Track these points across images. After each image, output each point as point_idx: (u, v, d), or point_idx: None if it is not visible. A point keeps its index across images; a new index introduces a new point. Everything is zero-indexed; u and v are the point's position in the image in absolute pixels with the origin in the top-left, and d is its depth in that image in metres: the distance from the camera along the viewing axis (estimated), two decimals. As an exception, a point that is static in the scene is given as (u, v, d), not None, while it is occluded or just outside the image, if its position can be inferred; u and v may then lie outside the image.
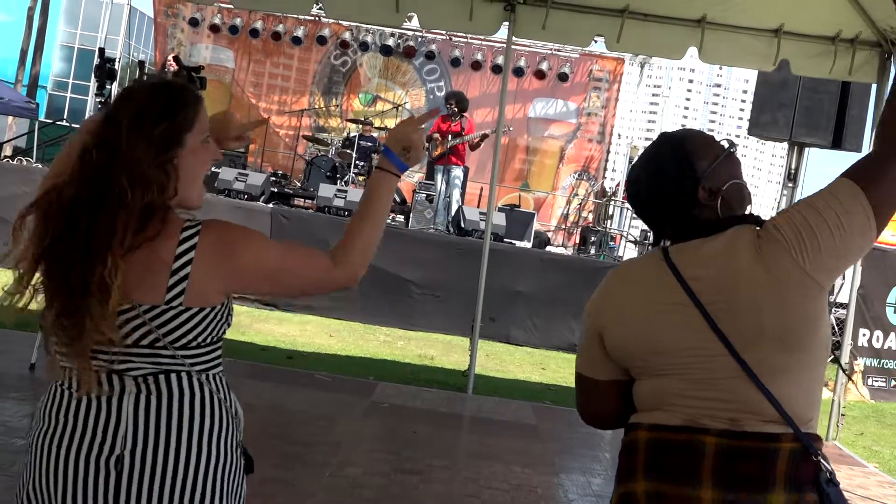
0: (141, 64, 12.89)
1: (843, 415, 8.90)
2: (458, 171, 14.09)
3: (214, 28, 18.28)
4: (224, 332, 2.25)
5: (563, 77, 17.67)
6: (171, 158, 2.13)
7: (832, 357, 13.95)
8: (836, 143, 12.15)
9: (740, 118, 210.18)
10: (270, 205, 13.21)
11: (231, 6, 14.16)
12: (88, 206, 2.06)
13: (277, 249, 2.26)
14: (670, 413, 2.14)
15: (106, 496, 2.07)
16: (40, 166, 14.05)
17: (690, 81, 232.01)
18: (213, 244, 2.14)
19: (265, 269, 2.21)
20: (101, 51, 10.82)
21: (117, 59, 16.44)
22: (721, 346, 2.09)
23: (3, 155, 20.30)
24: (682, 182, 2.24)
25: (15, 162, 15.17)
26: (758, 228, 2.18)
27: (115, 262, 2.03)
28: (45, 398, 2.19)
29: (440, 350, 10.88)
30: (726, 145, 2.37)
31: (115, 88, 16.94)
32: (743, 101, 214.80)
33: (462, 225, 13.20)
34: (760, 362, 2.08)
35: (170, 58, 14.73)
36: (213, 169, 10.00)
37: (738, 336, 2.09)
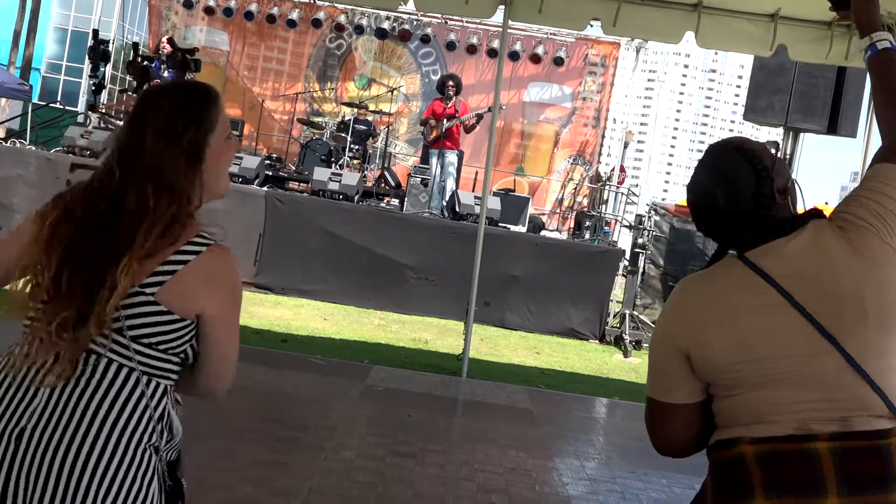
0: (135, 46, 12.81)
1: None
2: (452, 156, 14.07)
3: (209, 10, 18.21)
4: (184, 356, 2.24)
5: (558, 61, 17.62)
6: (200, 166, 2.19)
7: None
8: (832, 129, 12.14)
9: (735, 103, 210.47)
10: (265, 188, 13.18)
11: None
12: (114, 212, 2.10)
13: (235, 327, 2.33)
14: (773, 424, 2.08)
15: (0, 466, 2.05)
16: (34, 148, 13.99)
17: (686, 66, 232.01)
18: (211, 265, 2.17)
19: (218, 324, 2.25)
20: (96, 32, 10.78)
21: (111, 41, 16.37)
22: (825, 342, 2.07)
23: (-4, 137, 20.21)
24: (761, 184, 2.22)
25: (8, 144, 15.11)
26: (830, 221, 2.21)
27: (129, 266, 2.06)
28: None
29: (434, 334, 10.88)
30: (772, 148, 2.39)
31: (108, 70, 16.90)
32: (738, 86, 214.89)
33: (457, 209, 13.19)
34: (865, 350, 2.07)
35: (164, 40, 14.68)
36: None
37: (840, 327, 2.08)
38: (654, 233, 14.24)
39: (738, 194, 2.23)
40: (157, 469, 2.18)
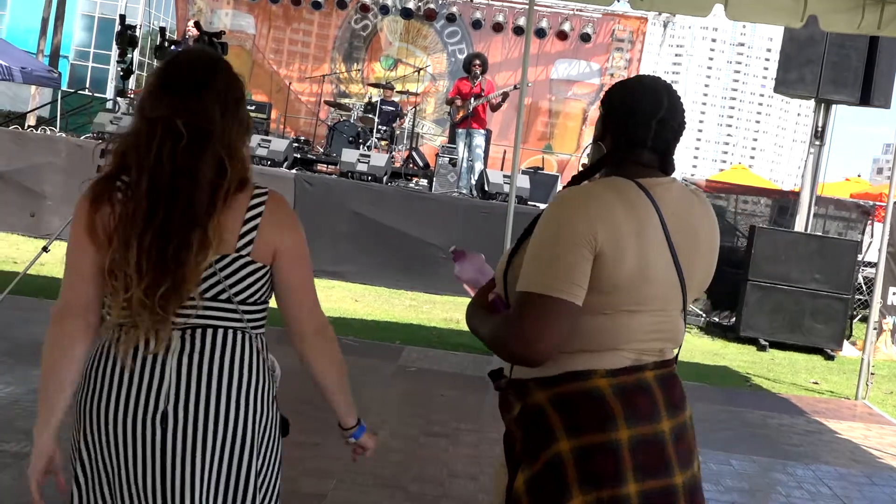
0: (162, 31, 12.84)
1: (872, 374, 8.85)
2: (479, 135, 14.01)
3: (235, -6, 18.23)
4: (270, 295, 2.37)
5: (585, 38, 17.51)
6: (250, 134, 2.35)
7: (860, 316, 13.89)
8: (865, 100, 12.01)
9: (764, 77, 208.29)
10: (294, 171, 13.19)
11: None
12: (189, 181, 2.16)
13: (308, 259, 2.43)
14: (620, 352, 2.20)
15: (153, 452, 2.15)
16: (64, 135, 14.09)
17: (713, 41, 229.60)
18: (276, 211, 2.28)
19: (293, 257, 2.34)
20: (122, 17, 10.80)
21: (138, 27, 16.42)
22: (678, 280, 2.24)
23: (26, 124, 20.38)
24: (684, 117, 2.39)
25: (38, 131, 15.22)
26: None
27: (214, 228, 2.15)
28: (91, 359, 2.23)
29: (465, 313, 10.86)
30: None
31: (136, 56, 16.96)
32: (767, 59, 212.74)
33: (486, 188, 13.15)
34: (692, 294, 2.31)
35: (190, 24, 14.69)
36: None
37: (689, 271, 2.26)
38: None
39: (678, 107, 2.34)
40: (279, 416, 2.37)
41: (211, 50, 2.63)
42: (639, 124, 2.30)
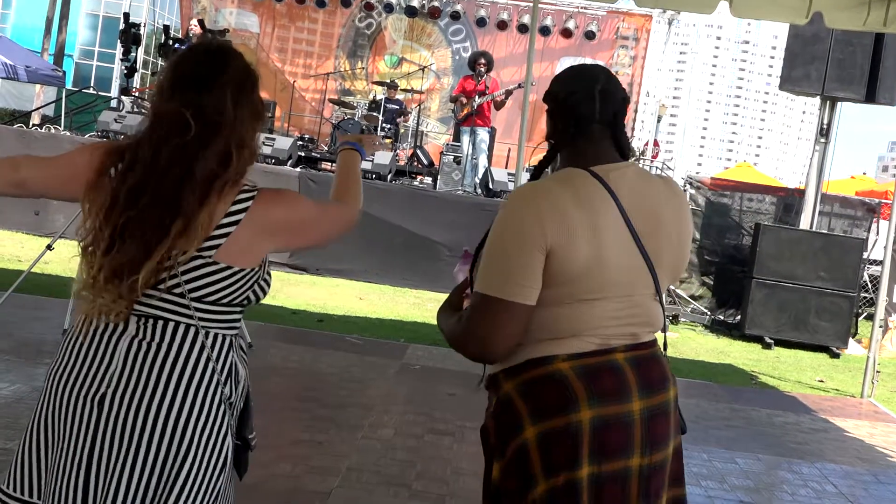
0: (166, 29, 12.83)
1: (878, 372, 8.83)
2: (483, 133, 14.01)
3: (239, -8, 18.23)
4: (249, 300, 2.32)
5: (589, 35, 17.48)
6: (260, 125, 2.34)
7: (866, 314, 13.84)
8: (870, 97, 11.98)
9: (769, 75, 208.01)
10: (298, 169, 13.20)
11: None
12: (184, 172, 2.17)
13: (308, 201, 2.43)
14: (582, 339, 2.21)
15: (87, 432, 2.17)
16: (68, 134, 14.11)
17: (718, 38, 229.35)
18: (261, 214, 2.24)
19: (296, 242, 2.46)
20: (126, 16, 10.78)
21: (142, 25, 16.43)
22: (644, 263, 2.25)
23: (31, 123, 20.40)
24: (625, 100, 2.41)
25: (43, 130, 15.23)
26: None
27: (202, 221, 2.16)
28: (69, 331, 2.30)
29: (470, 312, 10.84)
30: None
31: (139, 54, 16.96)
32: (772, 57, 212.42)
33: (490, 186, 13.14)
34: (663, 277, 2.31)
35: (194, 22, 14.70)
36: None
37: (656, 254, 2.26)
38: (690, 206, 14.11)
39: (616, 82, 2.37)
40: (230, 424, 2.30)
41: (222, 41, 2.63)
42: (581, 99, 2.34)
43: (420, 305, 11.05)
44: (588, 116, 2.32)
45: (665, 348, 2.40)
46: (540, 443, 2.18)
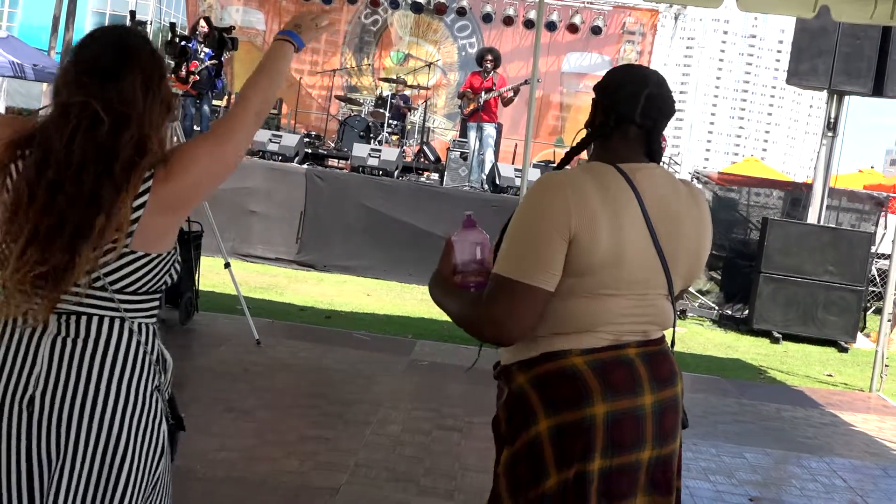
0: (172, 27, 12.83)
1: (886, 366, 8.82)
2: (490, 128, 13.99)
3: (245, -10, 18.22)
4: (164, 284, 2.27)
5: (596, 30, 17.44)
6: (172, 115, 2.26)
7: (874, 308, 13.81)
8: (878, 91, 11.94)
9: (776, 69, 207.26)
10: (305, 166, 13.19)
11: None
12: (100, 165, 2.10)
13: (192, 153, 2.25)
14: (596, 334, 2.25)
15: (19, 436, 2.11)
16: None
17: (725, 33, 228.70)
18: (161, 188, 2.16)
19: (191, 184, 2.23)
20: (132, 14, 10.77)
21: (148, 23, 16.44)
22: (660, 264, 2.28)
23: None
24: (672, 106, 2.42)
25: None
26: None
27: (122, 213, 2.09)
28: None
29: (477, 308, 10.84)
30: None
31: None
32: (779, 51, 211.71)
33: (497, 182, 13.13)
34: (677, 277, 2.35)
35: (201, 20, 14.69)
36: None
37: (673, 256, 2.30)
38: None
39: (666, 90, 2.38)
40: (163, 409, 2.27)
41: (129, 27, 2.53)
42: (627, 97, 2.35)
43: (427, 301, 10.98)
44: (628, 116, 2.34)
45: (673, 344, 2.42)
46: (553, 436, 2.20)
